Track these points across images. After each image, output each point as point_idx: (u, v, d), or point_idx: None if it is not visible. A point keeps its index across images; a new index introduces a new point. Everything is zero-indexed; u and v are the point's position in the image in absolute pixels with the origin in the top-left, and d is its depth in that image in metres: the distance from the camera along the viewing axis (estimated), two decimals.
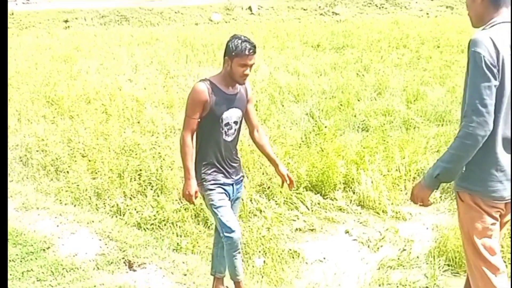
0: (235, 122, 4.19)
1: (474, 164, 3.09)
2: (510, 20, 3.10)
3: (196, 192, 4.11)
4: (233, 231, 4.17)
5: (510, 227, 3.74)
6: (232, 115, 4.14)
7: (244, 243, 5.39)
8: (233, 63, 4.02)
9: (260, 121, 6.72)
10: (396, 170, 6.73)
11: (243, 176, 4.48)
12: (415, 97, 9.34)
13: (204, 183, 4.17)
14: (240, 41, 4.00)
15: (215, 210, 4.20)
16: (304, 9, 19.98)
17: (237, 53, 3.98)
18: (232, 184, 4.29)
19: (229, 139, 4.19)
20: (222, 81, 4.13)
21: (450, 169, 3.09)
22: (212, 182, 4.18)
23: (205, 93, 4.03)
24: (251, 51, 3.99)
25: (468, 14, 3.33)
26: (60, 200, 6.45)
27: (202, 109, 4.05)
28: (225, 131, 4.14)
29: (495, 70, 2.92)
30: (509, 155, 3.13)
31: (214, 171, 4.19)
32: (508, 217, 3.34)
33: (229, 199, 4.29)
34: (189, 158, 4.11)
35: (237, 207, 4.57)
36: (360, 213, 6.14)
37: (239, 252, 4.33)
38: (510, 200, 3.18)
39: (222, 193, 4.21)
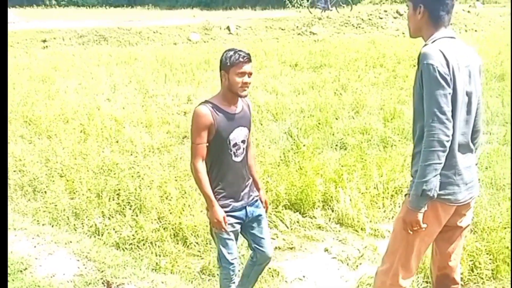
0: (243, 141, 4.06)
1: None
2: (450, 36, 3.29)
3: (224, 218, 3.96)
4: (231, 264, 4.13)
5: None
6: (238, 134, 4.02)
7: None
8: (230, 75, 3.89)
9: None
10: (374, 188, 6.78)
11: (257, 196, 4.31)
12: (392, 115, 9.44)
13: None
14: (232, 52, 3.92)
15: (218, 238, 4.11)
16: (282, 29, 20.13)
17: (232, 63, 3.87)
18: (245, 207, 4.15)
19: (238, 159, 4.06)
20: (223, 100, 3.99)
21: (431, 181, 3.15)
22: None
23: (208, 116, 3.88)
24: (245, 58, 3.89)
25: (408, 24, 3.49)
26: (38, 221, 6.39)
27: (208, 133, 3.91)
28: (233, 152, 4.01)
29: (448, 79, 3.09)
30: (466, 159, 3.31)
31: (223, 197, 4.05)
32: (464, 221, 3.51)
33: (243, 222, 4.16)
34: (206, 185, 3.94)
35: (262, 226, 4.34)
36: (339, 231, 6.16)
37: (234, 283, 4.27)
38: (462, 203, 3.35)
39: (228, 222, 4.05)
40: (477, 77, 3.31)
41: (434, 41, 3.26)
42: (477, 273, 5.13)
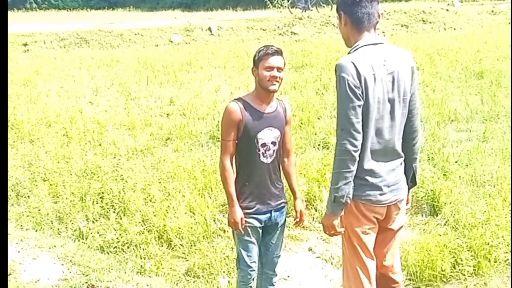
0: (273, 143, 4.00)
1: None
2: (374, 42, 3.37)
3: (242, 219, 3.95)
4: (249, 267, 4.09)
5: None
6: (267, 135, 3.97)
7: (208, 264, 5.42)
8: (259, 70, 3.91)
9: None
10: None
11: (285, 203, 4.25)
12: None
13: None
14: (262, 48, 3.96)
15: (238, 240, 4.10)
16: (263, 29, 20.18)
17: (260, 57, 3.90)
18: (270, 211, 4.09)
19: (267, 160, 4.00)
20: (255, 98, 3.99)
21: (341, 188, 3.30)
22: (244, 210, 4.00)
23: (237, 112, 3.88)
24: (273, 50, 3.90)
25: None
26: (21, 226, 6.37)
27: (237, 130, 3.90)
28: (262, 152, 3.96)
29: (358, 92, 3.20)
30: (387, 164, 3.40)
31: (248, 197, 4.02)
32: (395, 223, 3.60)
33: (261, 226, 4.10)
34: (230, 183, 3.94)
35: (279, 237, 4.29)
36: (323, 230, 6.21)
37: (251, 287, 4.22)
38: (390, 204, 3.46)
39: (250, 225, 4.03)
40: (407, 81, 3.37)
41: (356, 49, 3.35)
42: (459, 269, 5.21)
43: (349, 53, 3.40)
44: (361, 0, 3.35)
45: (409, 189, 3.64)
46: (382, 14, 3.21)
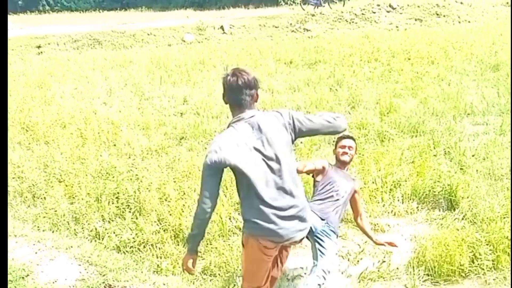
0: None
1: (249, 214, 3.72)
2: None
3: None
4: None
5: None
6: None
7: (224, 262, 5.41)
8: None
9: None
10: (373, 182, 6.80)
11: None
12: (388, 109, 9.45)
13: None
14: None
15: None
16: (276, 27, 20.13)
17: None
18: None
19: None
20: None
21: (191, 233, 3.89)
22: None
23: None
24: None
25: None
26: (38, 227, 6.40)
27: None
28: None
29: (220, 168, 3.68)
30: (279, 210, 3.68)
31: None
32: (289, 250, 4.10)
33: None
34: None
35: None
36: (339, 226, 6.18)
37: None
38: (288, 240, 3.78)
39: None
40: (277, 135, 3.73)
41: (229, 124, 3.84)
42: (478, 264, 5.16)
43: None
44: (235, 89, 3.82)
45: None
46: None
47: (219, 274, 5.32)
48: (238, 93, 3.78)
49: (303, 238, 3.94)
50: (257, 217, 3.67)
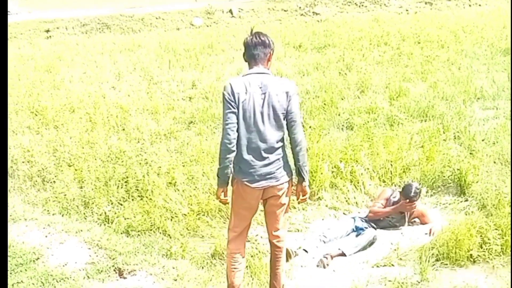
0: None
1: (236, 162, 4.32)
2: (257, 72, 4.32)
3: None
4: None
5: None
6: None
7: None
8: None
9: None
10: (382, 167, 6.79)
11: None
12: (397, 93, 9.40)
13: None
14: None
15: None
16: (285, 10, 19.99)
17: None
18: None
19: None
20: None
21: (219, 168, 4.34)
22: None
23: None
24: None
25: None
26: (48, 211, 6.45)
27: None
28: None
29: (232, 103, 4.20)
30: (261, 158, 4.27)
31: None
32: (273, 206, 4.46)
33: None
34: None
35: None
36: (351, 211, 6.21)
37: None
38: (259, 188, 4.32)
39: None
40: (277, 101, 4.23)
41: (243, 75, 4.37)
42: (486, 248, 5.15)
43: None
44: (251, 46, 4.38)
45: (299, 181, 4.49)
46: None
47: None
48: (253, 49, 4.35)
49: (280, 190, 4.40)
50: (240, 162, 4.30)
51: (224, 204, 4.88)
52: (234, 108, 4.21)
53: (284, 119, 4.27)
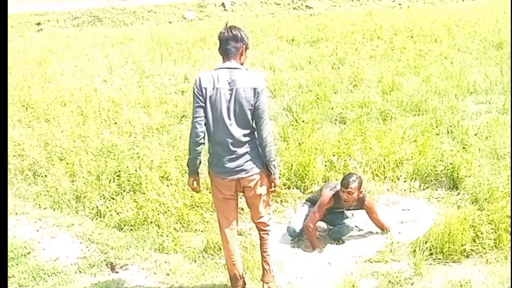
0: None
1: (210, 155, 4.49)
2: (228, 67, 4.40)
3: None
4: None
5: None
6: None
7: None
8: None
9: None
10: (375, 161, 6.78)
11: None
12: (390, 88, 9.39)
13: None
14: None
15: None
16: (277, 4, 19.95)
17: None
18: None
19: None
20: None
21: (189, 158, 4.49)
22: None
23: None
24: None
25: None
26: (39, 205, 6.41)
27: None
28: None
29: (200, 98, 4.30)
30: (230, 152, 4.35)
31: None
32: (250, 194, 4.52)
33: None
34: None
35: None
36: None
37: None
38: (230, 180, 4.41)
39: None
40: (244, 97, 4.27)
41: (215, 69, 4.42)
42: (479, 242, 5.16)
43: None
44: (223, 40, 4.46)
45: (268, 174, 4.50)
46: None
47: (221, 252, 5.33)
48: (226, 43, 4.42)
49: (251, 181, 4.45)
50: (212, 155, 4.46)
51: (197, 193, 5.15)
52: (201, 102, 4.30)
53: (251, 115, 4.31)
